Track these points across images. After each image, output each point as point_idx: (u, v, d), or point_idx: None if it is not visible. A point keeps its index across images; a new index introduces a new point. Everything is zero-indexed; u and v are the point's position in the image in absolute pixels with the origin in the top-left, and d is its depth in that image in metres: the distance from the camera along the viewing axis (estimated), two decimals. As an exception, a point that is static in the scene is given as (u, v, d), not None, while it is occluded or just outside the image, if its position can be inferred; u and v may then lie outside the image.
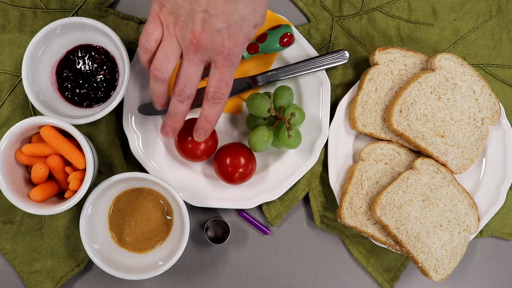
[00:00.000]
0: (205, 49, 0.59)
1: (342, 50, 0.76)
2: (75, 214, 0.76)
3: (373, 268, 0.79)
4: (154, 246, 0.74)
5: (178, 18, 0.58)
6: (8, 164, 0.68)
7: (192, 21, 0.57)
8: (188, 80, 0.61)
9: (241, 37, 0.59)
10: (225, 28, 0.57)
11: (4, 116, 0.76)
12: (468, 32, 0.80)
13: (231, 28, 0.57)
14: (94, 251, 0.70)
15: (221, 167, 0.72)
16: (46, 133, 0.68)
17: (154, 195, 0.74)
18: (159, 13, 0.60)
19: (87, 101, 0.73)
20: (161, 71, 0.61)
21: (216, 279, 0.78)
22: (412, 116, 0.73)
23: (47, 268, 0.76)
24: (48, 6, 0.76)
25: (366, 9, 0.79)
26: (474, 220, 0.75)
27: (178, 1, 0.58)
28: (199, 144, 0.71)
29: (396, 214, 0.73)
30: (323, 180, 0.78)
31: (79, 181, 0.68)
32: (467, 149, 0.75)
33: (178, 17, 0.58)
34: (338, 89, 0.78)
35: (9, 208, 0.76)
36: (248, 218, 0.78)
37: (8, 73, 0.76)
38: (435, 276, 0.74)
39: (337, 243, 0.79)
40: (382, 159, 0.75)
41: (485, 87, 0.75)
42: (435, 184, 0.74)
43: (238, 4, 0.56)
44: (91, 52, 0.73)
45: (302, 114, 0.72)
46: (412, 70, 0.75)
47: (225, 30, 0.57)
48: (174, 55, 0.61)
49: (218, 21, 0.57)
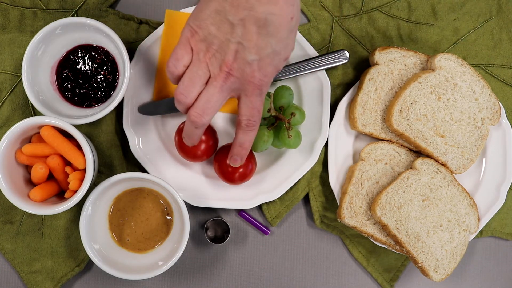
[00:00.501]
0: (235, 78, 0.59)
1: (342, 50, 0.76)
2: (75, 214, 0.76)
3: (373, 268, 0.79)
4: (154, 246, 0.74)
5: (210, 47, 0.59)
6: (8, 164, 0.68)
7: (225, 51, 0.58)
8: (209, 106, 0.60)
9: (271, 69, 0.59)
10: (257, 60, 0.58)
11: (4, 116, 0.76)
12: (468, 32, 0.80)
13: (263, 61, 0.58)
14: (94, 251, 0.70)
15: (221, 167, 0.72)
16: (46, 133, 0.68)
17: (154, 195, 0.74)
18: (190, 39, 0.60)
19: (87, 101, 0.73)
20: (185, 95, 0.60)
21: (216, 279, 0.78)
22: (412, 116, 0.73)
23: (47, 268, 0.76)
24: (48, 6, 0.76)
25: (366, 9, 0.79)
26: (474, 220, 0.75)
27: (211, 31, 0.58)
28: (199, 144, 0.71)
29: (396, 214, 0.73)
30: (323, 180, 0.78)
31: (79, 181, 0.68)
32: (467, 149, 0.75)
33: (210, 46, 0.59)
34: (338, 89, 0.78)
35: (9, 208, 0.76)
36: (248, 218, 0.78)
37: (8, 73, 0.76)
38: (435, 276, 0.74)
39: (337, 243, 0.79)
40: (382, 159, 0.75)
41: (485, 87, 0.75)
42: (435, 184, 0.74)
43: (271, 38, 0.57)
44: (91, 52, 0.73)
45: (302, 114, 0.72)
46: (412, 70, 0.75)
47: (256, 62, 0.58)
48: (200, 81, 0.60)
49: (251, 53, 0.57)
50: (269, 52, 0.58)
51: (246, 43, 0.57)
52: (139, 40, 0.76)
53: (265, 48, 0.57)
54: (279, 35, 0.57)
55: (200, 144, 0.71)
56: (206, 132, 0.72)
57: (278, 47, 0.58)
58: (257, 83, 0.59)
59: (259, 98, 0.61)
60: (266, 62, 0.58)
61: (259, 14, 0.56)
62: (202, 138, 0.71)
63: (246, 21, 0.56)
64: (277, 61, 0.59)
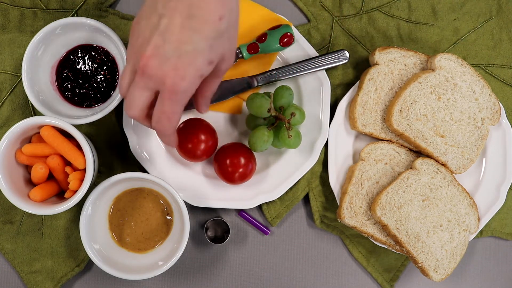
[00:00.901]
0: (150, 75, 0.54)
1: (342, 50, 0.76)
2: (75, 214, 0.76)
3: (373, 268, 0.79)
4: (154, 246, 0.74)
5: (136, 41, 0.55)
6: (8, 164, 0.68)
7: (146, 45, 0.54)
8: (130, 102, 0.57)
9: (191, 71, 0.53)
10: (176, 57, 0.53)
11: (4, 116, 0.76)
12: (468, 32, 0.80)
13: (182, 59, 0.53)
14: (94, 251, 0.70)
15: (221, 167, 0.72)
16: (46, 133, 0.68)
17: (154, 195, 0.74)
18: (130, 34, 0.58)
19: (87, 101, 0.73)
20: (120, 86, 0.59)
21: (216, 279, 0.78)
22: (412, 116, 0.73)
23: (47, 268, 0.76)
24: (48, 6, 0.76)
25: (366, 9, 0.79)
26: (474, 220, 0.75)
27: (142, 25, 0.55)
28: (199, 144, 0.71)
29: (396, 214, 0.73)
30: (323, 180, 0.78)
31: (79, 181, 0.68)
32: (467, 149, 0.75)
33: (136, 40, 0.55)
34: (338, 89, 0.78)
35: (9, 208, 0.76)
36: (248, 218, 0.78)
37: (8, 73, 0.76)
38: (435, 276, 0.74)
39: (337, 243, 0.79)
40: (382, 159, 0.75)
41: (485, 87, 0.75)
42: (435, 184, 0.74)
43: (195, 34, 0.53)
44: (91, 52, 0.73)
45: (302, 114, 0.72)
46: (412, 70, 0.75)
47: (175, 59, 0.53)
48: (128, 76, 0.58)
49: (170, 47, 0.53)
50: (189, 49, 0.53)
51: (168, 36, 0.53)
52: (139, 40, 0.76)
53: (186, 43, 0.52)
54: (203, 32, 0.53)
55: (200, 144, 0.71)
56: (206, 132, 0.72)
57: (201, 45, 0.53)
58: (169, 86, 0.53)
59: (170, 103, 0.55)
60: (186, 62, 0.53)
61: (186, 6, 0.52)
62: (202, 138, 0.71)
63: (173, 11, 0.52)
64: (200, 62, 0.53)
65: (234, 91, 0.75)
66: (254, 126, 0.74)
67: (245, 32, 0.75)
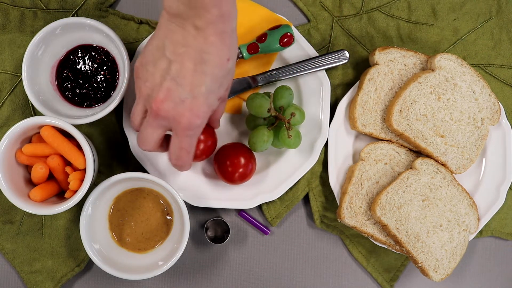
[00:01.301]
0: (163, 117, 0.59)
1: (342, 50, 0.76)
2: (75, 214, 0.76)
3: (373, 268, 0.79)
4: (154, 246, 0.74)
5: (145, 84, 0.59)
6: (8, 164, 0.68)
7: (158, 89, 0.58)
8: (144, 139, 0.62)
9: (204, 109, 0.59)
10: (190, 98, 0.57)
11: (4, 116, 0.76)
12: (468, 32, 0.80)
13: (196, 100, 0.58)
14: (94, 251, 0.70)
15: (221, 167, 0.72)
16: (46, 133, 0.68)
17: (154, 195, 0.74)
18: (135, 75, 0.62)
19: (87, 101, 0.73)
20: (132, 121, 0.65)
21: (216, 279, 0.78)
22: (412, 116, 0.73)
23: (47, 268, 0.76)
24: (48, 6, 0.76)
25: (366, 9, 0.79)
26: (474, 220, 0.75)
27: (149, 68, 0.59)
28: (199, 144, 0.71)
29: (396, 214, 0.73)
30: (323, 180, 0.78)
31: (79, 181, 0.68)
32: (467, 149, 0.75)
33: (145, 83, 0.59)
34: (338, 89, 0.78)
35: (9, 208, 0.76)
36: (248, 218, 0.78)
37: (8, 73, 0.76)
38: (435, 276, 0.74)
39: (337, 243, 0.79)
40: (382, 159, 0.75)
41: (485, 87, 0.75)
42: (435, 184, 0.74)
43: (207, 77, 0.57)
44: (91, 52, 0.73)
45: (302, 114, 0.72)
46: (412, 70, 0.75)
47: (189, 101, 0.57)
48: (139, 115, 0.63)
49: (185, 90, 0.57)
50: (203, 91, 0.57)
51: (181, 80, 0.57)
52: (139, 40, 0.76)
53: (199, 86, 0.57)
54: (214, 74, 0.57)
55: (199, 144, 0.71)
56: (205, 132, 0.72)
57: (213, 86, 0.58)
58: (185, 125, 0.58)
59: (188, 139, 0.60)
60: (200, 102, 0.58)
61: (196, 52, 0.56)
62: (201, 138, 0.71)
63: (183, 57, 0.56)
64: (212, 100, 0.59)
65: (234, 91, 0.75)
66: (254, 126, 0.74)
67: (245, 32, 0.75)
